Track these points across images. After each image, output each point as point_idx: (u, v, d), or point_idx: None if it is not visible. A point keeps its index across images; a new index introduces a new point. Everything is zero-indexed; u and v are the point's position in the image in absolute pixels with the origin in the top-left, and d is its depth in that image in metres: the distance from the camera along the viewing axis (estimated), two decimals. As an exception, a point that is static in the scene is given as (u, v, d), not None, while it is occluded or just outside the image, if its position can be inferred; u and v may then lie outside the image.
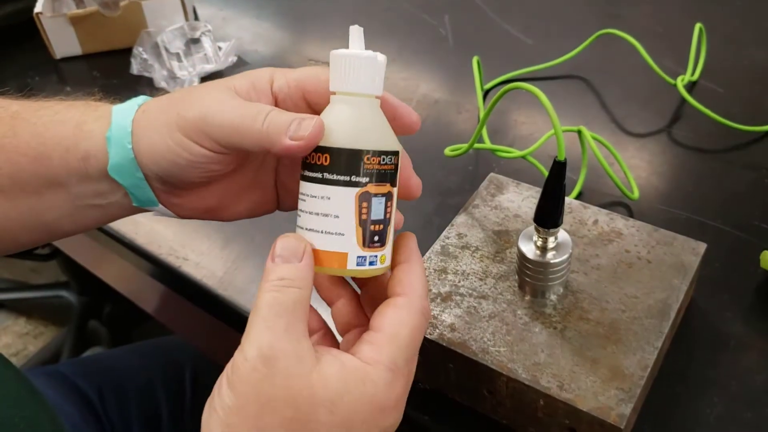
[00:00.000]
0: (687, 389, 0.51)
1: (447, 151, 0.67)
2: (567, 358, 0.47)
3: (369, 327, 0.40)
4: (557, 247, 0.49)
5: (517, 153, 0.68)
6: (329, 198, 0.40)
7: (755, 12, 0.90)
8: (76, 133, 0.44)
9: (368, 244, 0.40)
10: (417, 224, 0.65)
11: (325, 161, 0.39)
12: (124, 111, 0.44)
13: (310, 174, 0.40)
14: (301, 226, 0.41)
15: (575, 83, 0.82)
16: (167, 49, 0.87)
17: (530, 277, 0.50)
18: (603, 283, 0.51)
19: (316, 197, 0.40)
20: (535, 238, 0.49)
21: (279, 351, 0.36)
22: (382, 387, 0.38)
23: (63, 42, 0.90)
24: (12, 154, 0.45)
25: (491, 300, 0.51)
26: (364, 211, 0.40)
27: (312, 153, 0.40)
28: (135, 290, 0.87)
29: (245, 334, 0.38)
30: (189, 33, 0.89)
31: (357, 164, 0.39)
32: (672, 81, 0.78)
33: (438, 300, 0.51)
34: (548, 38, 0.89)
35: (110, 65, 0.90)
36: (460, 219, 0.57)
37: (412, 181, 0.44)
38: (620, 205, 0.66)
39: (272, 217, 0.50)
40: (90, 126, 0.44)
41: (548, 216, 0.47)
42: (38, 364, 1.49)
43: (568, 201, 0.58)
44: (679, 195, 0.67)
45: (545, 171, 0.68)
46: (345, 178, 0.39)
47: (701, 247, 0.54)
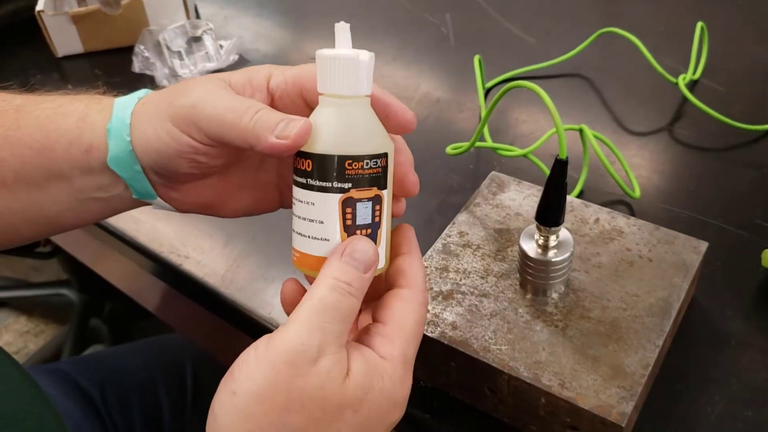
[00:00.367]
0: (688, 387, 0.51)
1: (448, 150, 0.67)
2: (568, 357, 0.47)
3: (375, 318, 0.41)
4: (558, 246, 0.49)
5: (519, 151, 0.68)
6: (313, 204, 0.39)
7: (757, 11, 0.90)
8: (80, 126, 0.44)
9: None
10: (419, 222, 0.65)
11: (308, 167, 0.39)
12: (125, 103, 0.44)
13: (297, 178, 0.40)
14: (293, 229, 0.41)
15: (576, 82, 0.82)
16: (169, 48, 0.87)
17: (532, 276, 0.50)
18: (604, 282, 0.51)
19: (303, 202, 0.40)
20: (537, 237, 0.49)
21: (326, 356, 0.36)
22: (398, 382, 0.39)
23: (64, 40, 0.90)
24: (16, 147, 0.45)
25: (493, 298, 0.51)
26: (349, 217, 0.39)
27: (297, 158, 0.39)
28: (136, 288, 0.87)
29: (293, 320, 0.37)
30: (190, 31, 0.89)
31: (338, 170, 0.38)
32: (673, 80, 0.78)
33: (439, 298, 0.51)
34: (549, 37, 0.89)
35: (112, 63, 0.90)
36: (462, 217, 0.57)
37: (410, 179, 0.43)
38: (621, 204, 0.66)
39: (274, 216, 0.50)
40: (93, 118, 0.44)
41: (550, 214, 0.47)
42: (39, 363, 1.49)
43: (570, 199, 0.58)
44: (681, 193, 0.67)
45: (546, 169, 0.68)
46: (327, 184, 0.39)
47: (702, 246, 0.54)
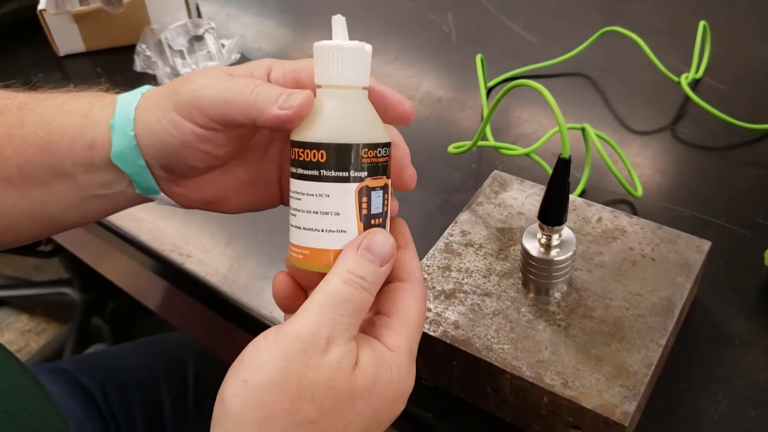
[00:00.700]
0: (691, 387, 0.51)
1: (450, 149, 0.67)
2: (571, 356, 0.47)
3: (378, 311, 0.41)
4: (561, 245, 0.49)
5: (521, 150, 0.68)
6: (328, 195, 0.39)
7: (760, 10, 0.90)
8: (83, 122, 0.44)
9: None
10: (421, 221, 0.65)
11: (321, 158, 0.39)
12: (128, 99, 0.44)
13: (305, 171, 0.39)
14: (298, 226, 0.40)
15: (579, 81, 0.82)
16: (170, 47, 0.87)
17: (534, 275, 0.50)
18: (607, 281, 0.51)
19: (313, 195, 0.39)
20: (539, 236, 0.49)
21: (336, 347, 0.37)
22: (405, 373, 0.39)
23: (66, 39, 0.90)
24: (20, 145, 0.45)
25: (495, 297, 0.51)
26: (365, 206, 0.39)
27: (306, 150, 0.39)
28: (138, 287, 0.87)
29: (304, 310, 0.37)
30: (192, 30, 0.89)
31: (354, 159, 0.39)
32: (676, 79, 0.77)
33: (442, 297, 0.51)
34: (552, 36, 0.89)
35: (113, 62, 0.90)
36: (464, 216, 0.57)
37: (407, 172, 0.43)
38: (624, 203, 0.66)
39: (275, 216, 0.50)
40: (96, 115, 0.44)
41: (552, 213, 0.47)
42: (41, 361, 1.49)
43: (572, 198, 0.57)
44: (683, 193, 0.67)
45: (549, 168, 0.68)
46: (344, 174, 0.39)
47: (705, 245, 0.53)
